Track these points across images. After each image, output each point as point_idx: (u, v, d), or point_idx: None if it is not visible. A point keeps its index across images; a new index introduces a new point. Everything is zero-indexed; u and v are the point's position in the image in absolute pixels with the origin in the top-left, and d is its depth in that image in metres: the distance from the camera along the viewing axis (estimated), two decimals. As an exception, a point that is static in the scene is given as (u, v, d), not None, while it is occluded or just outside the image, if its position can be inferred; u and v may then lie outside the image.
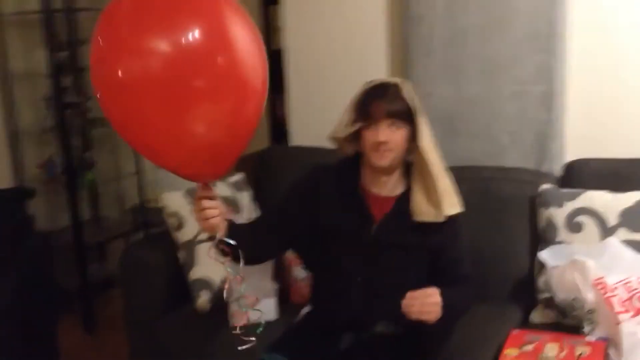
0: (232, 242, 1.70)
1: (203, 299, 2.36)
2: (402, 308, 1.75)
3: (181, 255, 2.41)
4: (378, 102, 1.86)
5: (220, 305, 2.34)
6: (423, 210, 1.90)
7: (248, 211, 2.60)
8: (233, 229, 1.81)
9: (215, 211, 1.69)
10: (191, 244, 2.40)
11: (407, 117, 1.87)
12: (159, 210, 3.28)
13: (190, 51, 1.33)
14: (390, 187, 1.97)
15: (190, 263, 2.39)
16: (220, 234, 1.72)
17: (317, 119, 2.96)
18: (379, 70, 2.77)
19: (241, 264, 1.70)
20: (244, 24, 1.45)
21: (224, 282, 1.75)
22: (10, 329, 2.46)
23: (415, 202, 1.91)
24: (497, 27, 2.43)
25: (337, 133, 1.98)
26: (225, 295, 1.74)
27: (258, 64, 1.47)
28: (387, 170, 1.93)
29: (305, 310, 2.21)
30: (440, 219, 1.89)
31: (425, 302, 1.74)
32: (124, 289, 2.51)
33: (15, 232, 2.81)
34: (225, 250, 1.74)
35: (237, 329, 1.70)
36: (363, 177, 1.99)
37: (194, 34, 1.33)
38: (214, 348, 2.23)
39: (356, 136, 1.94)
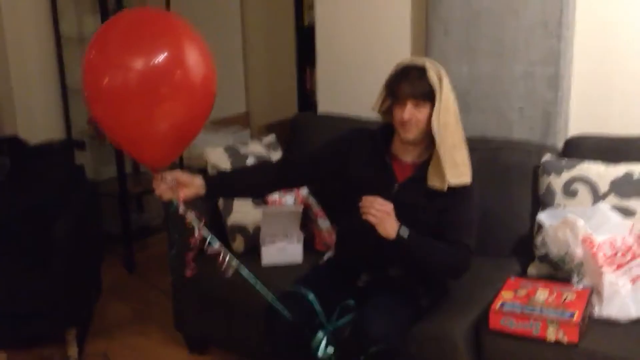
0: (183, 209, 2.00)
1: (238, 242, 2.67)
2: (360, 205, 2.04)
3: (220, 203, 2.71)
4: (404, 84, 2.11)
5: (253, 246, 2.66)
6: (433, 178, 2.14)
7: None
8: (211, 185, 2.14)
9: (163, 187, 1.99)
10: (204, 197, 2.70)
11: (430, 96, 2.09)
12: (192, 169, 3.63)
13: (157, 66, 1.73)
14: (415, 155, 2.21)
15: (227, 210, 2.69)
16: (180, 202, 2.01)
17: (343, 89, 3.24)
18: (401, 48, 3.01)
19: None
20: (196, 45, 1.82)
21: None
22: (62, 264, 2.76)
23: (430, 171, 2.16)
24: (510, 13, 2.66)
25: (374, 106, 2.25)
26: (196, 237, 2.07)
27: (206, 73, 1.83)
28: (413, 142, 2.17)
29: (328, 255, 2.52)
30: (444, 188, 2.11)
31: (379, 209, 2.01)
32: (168, 231, 2.80)
33: (67, 179, 3.13)
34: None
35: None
36: (393, 143, 2.25)
37: (161, 54, 1.73)
38: (247, 289, 2.53)
39: (390, 109, 2.20)
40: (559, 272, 2.37)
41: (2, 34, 3.47)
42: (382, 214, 2.02)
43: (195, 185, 2.10)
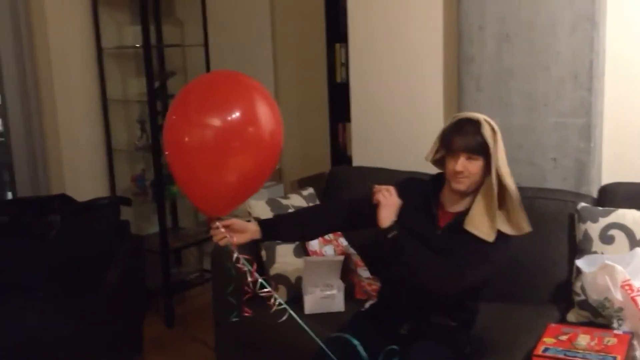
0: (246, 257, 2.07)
1: (281, 291, 2.75)
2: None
3: (263, 253, 2.80)
4: (458, 137, 2.18)
5: (295, 296, 2.73)
6: (477, 225, 2.17)
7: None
8: (266, 227, 2.24)
9: (221, 235, 2.08)
10: (272, 244, 2.80)
11: (482, 150, 2.15)
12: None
13: (231, 123, 1.86)
14: (463, 205, 2.26)
15: (270, 260, 2.78)
16: (233, 247, 2.08)
17: (377, 144, 3.34)
18: (434, 103, 3.12)
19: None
20: (266, 103, 1.95)
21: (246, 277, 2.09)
22: (108, 315, 2.84)
23: (471, 216, 2.19)
24: (541, 67, 2.76)
25: (427, 156, 2.33)
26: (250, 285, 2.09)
27: (275, 129, 1.96)
28: (463, 193, 2.24)
29: (370, 302, 2.58)
30: (490, 239, 2.14)
31: (390, 195, 2.16)
32: (213, 281, 2.89)
33: (114, 233, 3.25)
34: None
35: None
36: (442, 192, 2.31)
37: (234, 113, 1.87)
38: (291, 334, 2.59)
39: (443, 159, 2.28)
40: (598, 318, 2.39)
41: (53, 99, 3.67)
42: (390, 200, 2.14)
43: (250, 230, 2.19)
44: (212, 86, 1.96)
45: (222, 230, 2.06)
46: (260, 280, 2.04)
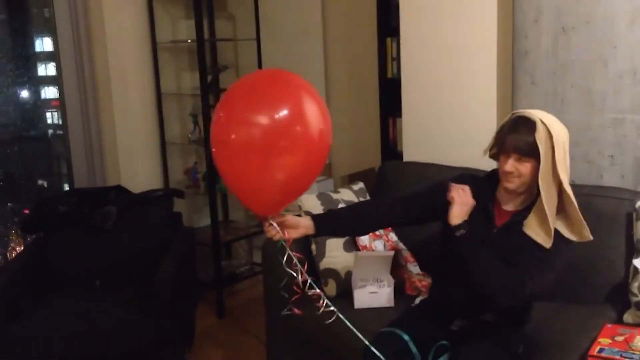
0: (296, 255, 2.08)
1: (331, 286, 2.76)
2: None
3: (313, 247, 2.82)
4: (511, 136, 2.12)
5: (344, 290, 2.74)
6: (535, 230, 2.12)
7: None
8: (320, 222, 2.24)
9: (274, 232, 2.08)
10: (322, 239, 2.81)
11: (534, 153, 2.06)
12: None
13: (279, 122, 1.84)
14: (517, 203, 2.22)
15: (320, 255, 2.79)
16: (287, 244, 2.09)
17: (428, 139, 3.32)
18: (487, 98, 3.05)
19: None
20: (314, 102, 1.92)
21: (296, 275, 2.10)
22: (164, 306, 2.90)
23: (530, 220, 2.14)
24: (598, 63, 2.71)
25: (485, 151, 2.28)
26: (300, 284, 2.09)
27: (323, 127, 1.93)
28: (514, 191, 2.19)
29: (420, 299, 2.57)
30: (548, 246, 2.09)
31: (465, 194, 2.16)
32: (264, 275, 2.93)
33: (168, 225, 3.32)
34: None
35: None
36: (498, 190, 2.27)
37: (282, 112, 1.85)
38: (341, 331, 2.61)
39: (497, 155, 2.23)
40: (656, 319, 2.34)
41: (109, 93, 3.75)
42: (465, 199, 2.16)
43: (303, 226, 2.20)
44: (259, 84, 1.95)
45: (276, 226, 2.08)
46: (309, 281, 2.05)
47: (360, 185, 3.13)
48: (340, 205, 2.91)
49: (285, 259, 2.06)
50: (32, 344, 2.78)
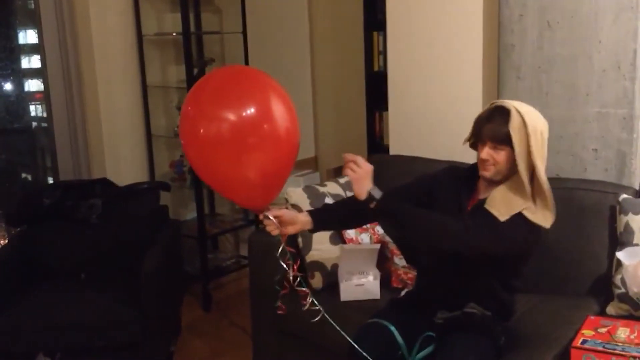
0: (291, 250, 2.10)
1: (317, 278, 2.77)
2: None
3: (300, 240, 2.82)
4: (486, 125, 2.18)
5: (331, 283, 2.75)
6: (496, 207, 2.13)
7: (356, 208, 3.00)
8: (317, 217, 2.25)
9: (273, 227, 2.09)
10: (308, 232, 2.81)
11: (509, 141, 2.09)
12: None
13: (247, 119, 1.85)
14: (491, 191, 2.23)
15: (307, 247, 2.80)
16: (283, 240, 2.11)
17: (414, 133, 3.33)
18: (473, 92, 3.07)
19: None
20: (281, 100, 1.93)
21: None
22: (150, 297, 2.89)
23: (492, 197, 2.16)
24: (583, 57, 2.72)
25: (465, 140, 2.31)
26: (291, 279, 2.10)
27: (290, 126, 1.94)
28: (491, 180, 2.21)
29: (406, 291, 2.59)
30: (501, 218, 2.10)
31: (360, 166, 2.10)
32: (250, 268, 2.93)
33: (154, 218, 3.31)
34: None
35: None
36: (479, 180, 2.29)
37: (250, 109, 1.85)
38: (328, 325, 2.61)
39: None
40: (638, 311, 2.36)
41: (95, 85, 3.73)
42: (359, 173, 2.10)
43: (299, 221, 2.21)
44: (227, 80, 1.95)
45: (273, 220, 2.08)
46: (299, 278, 2.06)
47: (347, 178, 3.12)
48: (327, 199, 2.92)
49: (279, 252, 2.07)
50: (17, 336, 2.78)
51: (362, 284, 2.71)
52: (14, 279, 3.02)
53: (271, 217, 2.06)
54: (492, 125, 2.15)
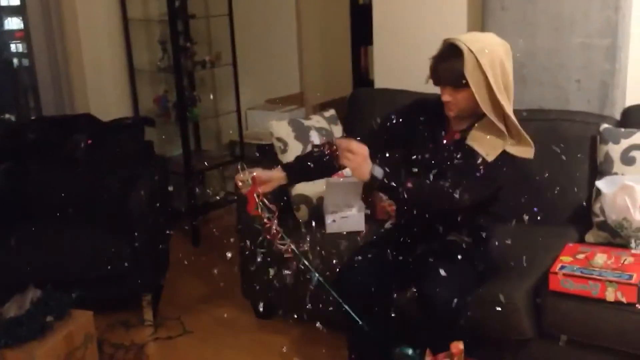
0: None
1: (302, 211, 2.80)
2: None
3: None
4: (441, 67, 2.11)
5: (316, 216, 2.79)
6: (479, 142, 2.14)
7: (341, 141, 3.01)
8: (292, 171, 2.27)
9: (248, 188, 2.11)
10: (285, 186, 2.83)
11: (467, 81, 2.04)
12: (252, 146, 3.77)
13: None
14: (463, 124, 2.23)
15: (292, 180, 2.82)
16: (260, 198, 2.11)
17: (399, 65, 3.32)
18: (458, 23, 3.06)
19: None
20: None
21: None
22: (138, 232, 2.91)
23: (473, 133, 2.16)
24: (568, -15, 2.72)
25: (426, 79, 2.25)
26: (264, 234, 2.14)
27: None
28: (457, 118, 2.21)
29: (390, 223, 2.63)
30: (489, 159, 2.11)
31: (356, 153, 2.04)
32: (238, 201, 2.95)
33: (140, 153, 3.31)
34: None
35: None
36: None
37: None
38: (312, 250, 2.67)
39: None
40: (617, 238, 2.42)
41: (76, 20, 3.66)
42: (356, 161, 2.05)
43: (276, 178, 2.24)
44: None
45: (247, 182, 2.10)
46: (281, 233, 2.10)
47: (332, 112, 3.14)
48: (312, 132, 2.92)
49: (259, 208, 2.09)
50: (7, 270, 2.80)
51: (347, 217, 2.75)
52: (1, 215, 3.02)
53: (242, 177, 2.11)
54: (447, 67, 2.10)
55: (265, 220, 2.10)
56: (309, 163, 2.31)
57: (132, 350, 2.89)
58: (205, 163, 4.12)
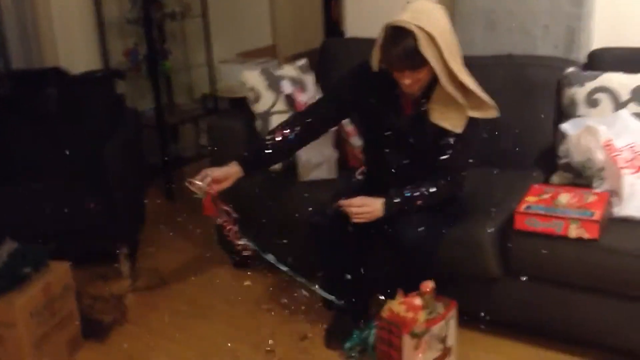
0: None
1: (276, 160, 2.83)
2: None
3: (257, 124, 2.86)
4: (397, 53, 2.06)
5: (289, 165, 2.82)
6: (444, 116, 2.18)
7: (312, 90, 3.03)
8: (248, 164, 2.29)
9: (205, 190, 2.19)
10: (266, 115, 2.85)
11: (425, 60, 2.04)
12: (225, 99, 3.75)
13: None
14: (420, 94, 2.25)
15: (265, 130, 2.84)
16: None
17: (371, 14, 3.30)
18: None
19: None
20: None
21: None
22: (112, 184, 2.91)
23: (433, 108, 2.19)
24: None
25: (374, 65, 2.22)
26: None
27: None
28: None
29: (361, 170, 2.68)
30: (459, 130, 2.16)
31: (363, 212, 2.22)
32: (211, 150, 2.96)
33: (111, 107, 3.29)
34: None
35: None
36: None
37: None
38: (284, 198, 2.72)
39: None
40: (580, 179, 2.49)
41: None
42: (367, 215, 2.23)
43: (232, 174, 2.26)
44: None
45: (200, 184, 2.17)
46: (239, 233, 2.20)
47: (303, 61, 3.14)
48: (284, 82, 2.93)
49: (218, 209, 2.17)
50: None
51: (320, 164, 2.78)
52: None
53: (198, 183, 2.16)
54: (401, 50, 2.06)
55: (224, 223, 2.15)
56: (265, 151, 2.33)
57: (111, 302, 2.93)
58: (178, 117, 4.11)
